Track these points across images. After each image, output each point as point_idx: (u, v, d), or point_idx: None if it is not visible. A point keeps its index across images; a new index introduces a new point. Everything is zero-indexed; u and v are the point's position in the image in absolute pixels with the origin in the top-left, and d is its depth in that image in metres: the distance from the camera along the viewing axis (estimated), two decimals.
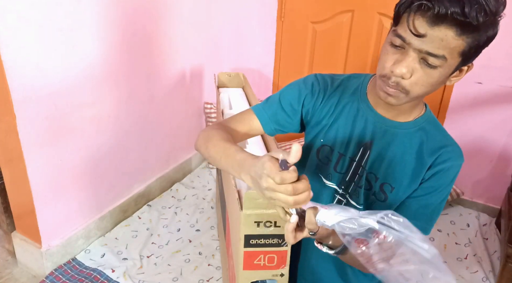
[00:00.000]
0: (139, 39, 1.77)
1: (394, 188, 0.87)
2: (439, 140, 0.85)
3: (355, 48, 2.10)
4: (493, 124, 1.92)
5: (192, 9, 2.05)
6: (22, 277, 1.65)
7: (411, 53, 0.70)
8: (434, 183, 0.85)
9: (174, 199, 2.12)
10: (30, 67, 1.34)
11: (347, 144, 0.89)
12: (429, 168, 0.85)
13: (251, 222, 0.82)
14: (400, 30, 0.71)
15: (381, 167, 0.87)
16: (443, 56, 0.69)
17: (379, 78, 0.77)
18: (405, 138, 0.86)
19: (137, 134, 1.90)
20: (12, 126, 1.37)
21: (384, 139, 0.86)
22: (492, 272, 1.69)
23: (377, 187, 0.88)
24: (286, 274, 0.89)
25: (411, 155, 0.85)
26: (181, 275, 1.65)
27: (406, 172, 0.86)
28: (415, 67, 0.71)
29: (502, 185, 1.98)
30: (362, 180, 0.89)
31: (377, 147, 0.87)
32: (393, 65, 0.72)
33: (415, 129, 0.86)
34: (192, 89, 2.24)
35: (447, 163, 0.84)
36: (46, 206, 1.54)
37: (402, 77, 0.72)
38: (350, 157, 0.89)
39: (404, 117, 0.85)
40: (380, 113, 0.86)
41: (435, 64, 0.70)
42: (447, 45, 0.67)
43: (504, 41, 1.74)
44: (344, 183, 0.91)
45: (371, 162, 0.87)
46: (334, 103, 0.91)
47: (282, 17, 2.20)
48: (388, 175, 0.87)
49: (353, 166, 0.89)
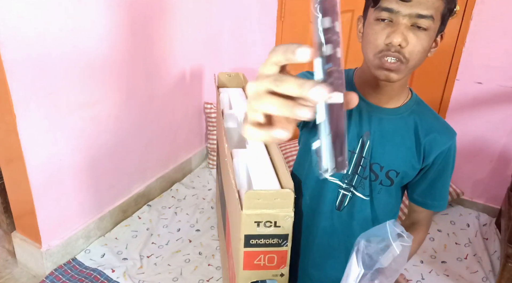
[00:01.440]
0: (139, 39, 1.77)
1: (399, 172, 0.89)
2: (431, 121, 0.90)
3: (355, 48, 2.10)
4: (493, 124, 1.92)
5: (192, 9, 2.05)
6: (22, 277, 1.65)
7: (402, 21, 0.74)
8: (441, 166, 0.91)
9: (174, 199, 2.12)
10: (30, 67, 1.34)
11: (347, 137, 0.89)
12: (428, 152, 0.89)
13: (251, 222, 0.82)
14: (385, 4, 0.74)
15: (384, 155, 0.88)
16: (431, 16, 0.73)
17: (374, 57, 0.78)
18: (400, 123, 0.88)
19: (137, 134, 1.90)
20: (12, 126, 1.37)
21: (381, 127, 0.88)
22: (492, 272, 1.69)
23: (383, 175, 0.90)
24: (286, 274, 0.89)
25: (410, 138, 0.88)
26: (181, 275, 1.65)
27: (407, 155, 0.88)
28: (408, 34, 0.74)
29: (502, 185, 1.98)
30: (366, 171, 0.89)
31: (376, 136, 0.88)
32: (387, 38, 0.75)
33: (408, 113, 0.89)
34: (192, 89, 2.24)
35: (445, 145, 0.89)
36: (46, 206, 1.54)
37: (400, 46, 0.74)
38: (350, 151, 0.89)
39: (394, 103, 0.88)
40: (372, 103, 0.88)
41: (426, 26, 0.74)
42: (432, 5, 0.73)
43: (504, 41, 1.74)
44: (347, 177, 0.91)
45: (373, 152, 0.88)
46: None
47: (282, 17, 2.20)
48: (392, 161, 0.89)
49: (355, 159, 0.89)
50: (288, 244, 0.86)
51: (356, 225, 0.95)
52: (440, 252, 1.81)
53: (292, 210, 0.83)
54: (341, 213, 0.94)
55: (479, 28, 1.78)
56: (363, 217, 0.94)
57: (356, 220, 0.94)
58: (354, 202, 0.92)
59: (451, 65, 1.91)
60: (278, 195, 0.81)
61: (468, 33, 1.81)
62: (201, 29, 2.16)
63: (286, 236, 0.85)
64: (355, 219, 0.94)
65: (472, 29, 1.80)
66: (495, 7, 1.73)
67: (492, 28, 1.75)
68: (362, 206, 0.92)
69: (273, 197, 0.81)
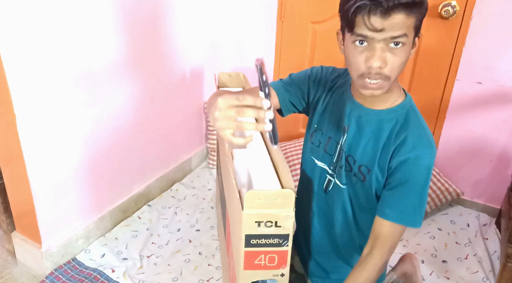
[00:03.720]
0: (139, 39, 1.77)
1: (371, 170, 0.94)
2: (408, 129, 0.90)
3: None
4: (493, 124, 1.92)
5: (193, 9, 2.05)
6: (22, 277, 1.65)
7: (377, 45, 0.79)
8: (405, 173, 0.89)
9: (174, 199, 2.12)
10: (30, 67, 1.34)
11: (334, 128, 1.00)
12: (394, 156, 0.90)
13: (251, 222, 0.82)
14: (359, 31, 0.79)
15: (357, 150, 0.96)
16: (405, 34, 0.78)
17: (358, 79, 0.84)
18: (378, 124, 0.93)
19: (137, 134, 1.90)
20: (12, 126, 1.37)
21: (358, 124, 0.95)
22: (492, 272, 1.69)
23: (355, 168, 0.96)
24: (286, 274, 0.89)
25: (381, 141, 0.92)
26: (181, 275, 1.65)
27: (378, 156, 0.93)
28: (385, 55, 0.80)
29: (502, 185, 1.98)
30: (342, 160, 0.98)
31: (352, 131, 0.96)
32: (366, 62, 0.81)
33: (389, 117, 0.92)
34: (192, 89, 2.24)
35: (413, 152, 0.87)
36: (46, 206, 1.54)
37: (380, 68, 0.80)
38: (336, 141, 0.99)
39: (380, 105, 0.93)
40: (358, 101, 0.96)
41: (401, 42, 0.79)
42: (404, 25, 0.77)
43: (504, 41, 1.74)
44: (333, 164, 1.01)
45: (348, 145, 0.97)
46: (329, 92, 1.02)
47: (282, 17, 2.20)
48: (363, 157, 0.95)
49: (338, 149, 0.99)
50: (289, 244, 0.86)
51: (336, 208, 1.04)
52: (441, 251, 1.81)
53: (293, 210, 0.83)
54: (327, 196, 1.05)
55: (479, 28, 1.78)
56: (341, 203, 1.02)
57: (336, 204, 1.03)
58: (335, 187, 1.02)
59: (451, 65, 1.91)
60: (279, 195, 0.81)
61: (468, 33, 1.81)
62: (201, 29, 2.16)
63: (287, 236, 0.85)
64: (335, 203, 1.03)
65: (472, 29, 1.80)
66: (495, 6, 1.73)
67: (492, 28, 1.75)
68: (341, 192, 1.01)
69: (274, 197, 0.81)
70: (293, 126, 2.41)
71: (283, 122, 2.48)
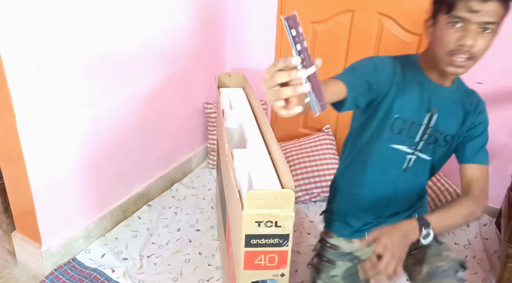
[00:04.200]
0: (139, 39, 1.77)
1: (454, 135, 1.14)
2: (472, 94, 1.15)
3: (355, 48, 2.10)
4: (493, 124, 1.89)
5: (192, 8, 2.05)
6: (22, 277, 1.65)
7: (472, 27, 0.92)
8: (481, 126, 1.15)
9: (174, 199, 2.12)
10: (30, 67, 1.34)
11: (416, 112, 1.09)
12: (472, 117, 1.13)
13: (252, 222, 0.82)
14: (457, 13, 0.92)
15: (444, 125, 1.11)
16: (495, 22, 0.92)
17: (446, 56, 0.97)
18: (456, 98, 1.12)
19: (137, 134, 1.90)
20: (12, 126, 1.37)
21: (444, 101, 1.10)
22: (492, 273, 1.69)
23: (441, 139, 1.13)
24: (286, 274, 0.89)
25: (461, 111, 1.13)
26: (181, 275, 1.65)
27: (458, 121, 1.13)
28: (477, 37, 0.93)
29: (502, 185, 1.98)
30: (431, 138, 1.12)
31: (438, 110, 1.09)
32: (459, 40, 0.93)
33: (460, 89, 1.14)
34: (192, 89, 2.24)
35: (481, 108, 1.15)
36: (46, 206, 1.54)
37: (471, 47, 0.93)
38: (420, 123, 1.10)
39: (449, 82, 1.10)
40: (437, 82, 1.09)
41: (491, 29, 0.93)
42: (496, 14, 0.91)
43: (504, 41, 1.74)
44: (414, 144, 1.12)
45: (435, 123, 1.10)
46: (402, 80, 1.08)
47: None
48: (449, 129, 1.12)
49: (422, 129, 1.10)
50: (289, 244, 0.86)
51: (415, 180, 1.19)
52: None
53: (293, 210, 0.83)
54: (406, 174, 1.16)
55: None
56: (422, 172, 1.18)
57: (417, 176, 1.18)
58: (416, 163, 1.15)
59: None
60: (279, 195, 0.81)
61: None
62: (202, 29, 2.16)
63: (287, 236, 0.85)
64: (417, 175, 1.18)
65: None
66: None
67: None
68: (425, 165, 1.16)
69: (274, 197, 0.81)
70: (293, 126, 2.41)
71: (283, 122, 2.49)
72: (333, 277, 1.27)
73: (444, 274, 1.11)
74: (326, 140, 2.20)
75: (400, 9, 1.94)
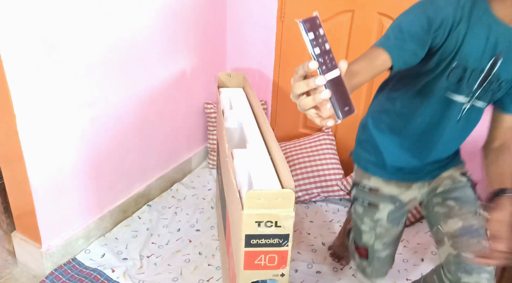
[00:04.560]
0: (139, 39, 1.77)
1: (510, 80, 1.05)
2: None
3: (355, 48, 2.10)
4: None
5: (193, 8, 2.05)
6: (22, 277, 1.65)
7: None
8: None
9: (174, 199, 2.12)
10: (30, 67, 1.34)
11: (480, 59, 0.99)
12: None
13: (252, 222, 0.82)
14: None
15: (504, 70, 1.02)
16: None
17: None
18: None
19: (137, 134, 1.90)
20: (12, 126, 1.37)
21: (508, 47, 0.99)
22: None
23: (496, 86, 1.05)
24: (286, 274, 0.89)
25: None
26: (181, 275, 1.65)
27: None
28: None
29: None
30: (491, 85, 1.04)
31: (506, 55, 0.99)
32: None
33: None
34: (192, 89, 2.24)
35: None
36: (46, 206, 1.54)
37: None
38: (481, 69, 1.01)
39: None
40: (509, 24, 0.96)
41: None
42: None
43: None
44: (472, 92, 1.05)
45: (498, 69, 1.01)
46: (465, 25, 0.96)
47: (282, 17, 2.20)
48: (508, 74, 1.03)
49: (483, 76, 1.02)
50: (289, 244, 0.86)
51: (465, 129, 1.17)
52: None
53: (293, 210, 0.83)
54: (459, 123, 1.13)
55: None
56: (474, 121, 1.15)
57: (468, 125, 1.16)
58: (471, 111, 1.10)
59: None
60: (279, 195, 0.81)
61: None
62: (202, 29, 2.16)
63: (287, 236, 0.85)
64: (468, 125, 1.15)
65: None
66: None
67: None
68: (478, 113, 1.13)
69: (274, 197, 0.81)
70: (293, 126, 2.41)
71: (283, 122, 2.49)
72: (378, 220, 1.26)
73: (476, 233, 1.10)
74: (326, 140, 2.20)
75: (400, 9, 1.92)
